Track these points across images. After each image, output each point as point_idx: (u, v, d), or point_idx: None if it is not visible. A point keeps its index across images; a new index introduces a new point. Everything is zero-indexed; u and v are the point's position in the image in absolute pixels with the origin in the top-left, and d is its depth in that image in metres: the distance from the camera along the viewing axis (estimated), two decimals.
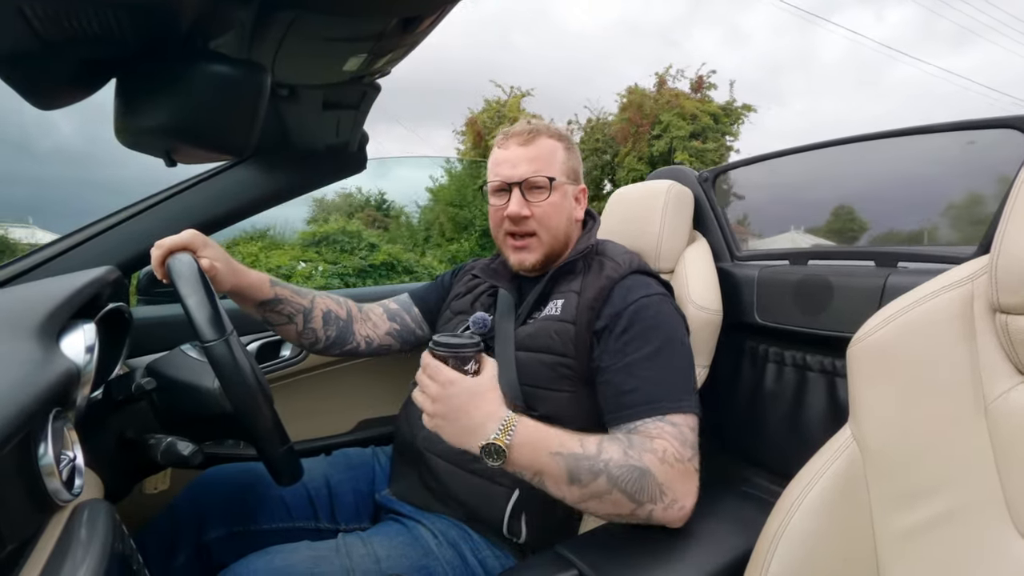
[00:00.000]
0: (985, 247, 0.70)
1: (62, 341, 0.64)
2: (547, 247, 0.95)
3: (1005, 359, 0.53)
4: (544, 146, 0.95)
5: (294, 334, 1.01)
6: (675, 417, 0.78)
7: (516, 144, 0.95)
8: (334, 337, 1.04)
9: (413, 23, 0.69)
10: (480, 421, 0.69)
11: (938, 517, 0.54)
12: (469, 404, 0.69)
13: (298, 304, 0.99)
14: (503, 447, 0.67)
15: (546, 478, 0.70)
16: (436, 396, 0.70)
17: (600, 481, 0.69)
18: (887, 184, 1.84)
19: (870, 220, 5.19)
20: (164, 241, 0.82)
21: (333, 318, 1.04)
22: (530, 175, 0.93)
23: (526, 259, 0.96)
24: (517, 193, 0.93)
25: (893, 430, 0.58)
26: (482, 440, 0.68)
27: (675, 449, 0.74)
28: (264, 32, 0.69)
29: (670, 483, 0.72)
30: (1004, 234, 0.52)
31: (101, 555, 0.46)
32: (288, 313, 0.98)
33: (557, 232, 0.95)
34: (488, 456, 0.68)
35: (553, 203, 0.94)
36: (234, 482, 0.96)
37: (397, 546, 0.82)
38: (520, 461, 0.69)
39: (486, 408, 0.70)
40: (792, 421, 1.12)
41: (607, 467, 0.70)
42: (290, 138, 1.13)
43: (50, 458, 0.48)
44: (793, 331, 1.11)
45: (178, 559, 0.87)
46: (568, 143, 0.99)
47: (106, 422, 0.79)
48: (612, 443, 0.73)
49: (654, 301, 0.87)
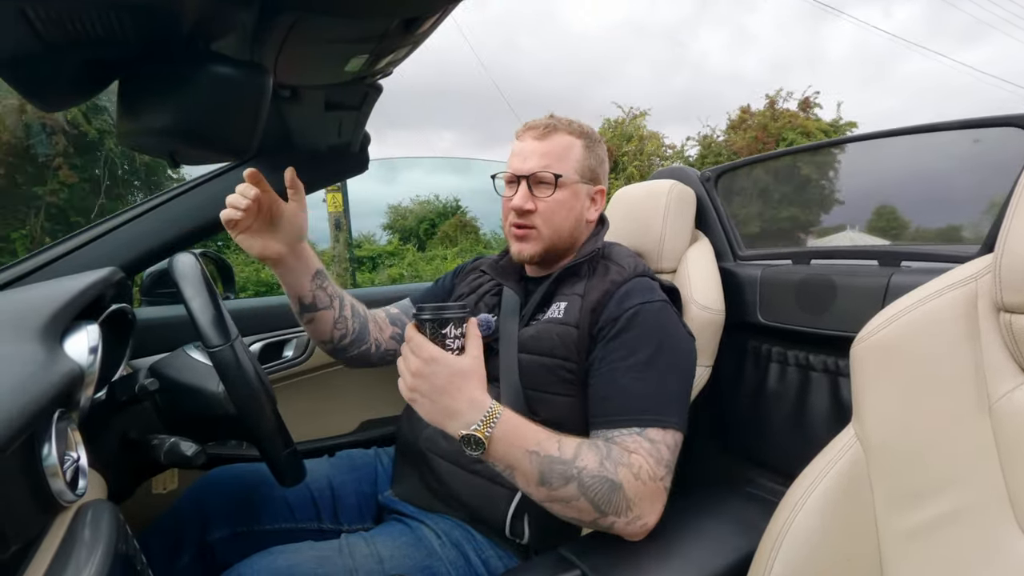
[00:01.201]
0: (989, 246, 0.70)
1: (66, 342, 0.65)
2: (547, 242, 0.94)
3: (1009, 358, 0.53)
4: (559, 142, 0.93)
5: (330, 320, 0.97)
6: (654, 432, 0.75)
7: (532, 137, 0.94)
8: (357, 331, 1.02)
9: (415, 24, 0.69)
10: (461, 407, 0.67)
11: (942, 517, 0.54)
12: (450, 385, 0.67)
13: (334, 291, 0.98)
14: (483, 439, 0.66)
15: (517, 474, 0.69)
16: (416, 371, 0.67)
17: (570, 487, 0.69)
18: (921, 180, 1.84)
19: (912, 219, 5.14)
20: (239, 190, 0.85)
21: (357, 312, 1.03)
22: (538, 170, 0.91)
23: (524, 249, 0.95)
24: (524, 186, 0.92)
25: (897, 429, 0.58)
26: (462, 428, 0.66)
27: (649, 467, 0.73)
28: (266, 33, 0.69)
29: (638, 500, 0.71)
30: (1008, 233, 0.52)
31: (105, 555, 0.46)
32: (331, 293, 0.96)
33: (560, 230, 0.94)
34: (467, 445, 0.66)
35: (559, 200, 0.92)
36: (237, 483, 0.96)
37: (400, 546, 0.82)
38: (496, 453, 0.68)
39: (469, 393, 0.67)
40: (795, 421, 1.11)
41: (580, 475, 0.69)
42: (292, 139, 1.13)
43: (54, 459, 0.48)
44: (796, 331, 1.10)
45: (182, 559, 0.87)
46: (589, 141, 0.96)
47: (110, 423, 0.79)
48: (591, 450, 0.71)
49: (653, 308, 0.85)
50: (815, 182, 5.56)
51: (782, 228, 5.28)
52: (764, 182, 4.08)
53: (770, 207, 4.42)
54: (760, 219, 4.91)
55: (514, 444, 0.68)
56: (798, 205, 5.23)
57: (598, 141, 0.99)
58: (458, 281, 1.13)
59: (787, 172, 4.84)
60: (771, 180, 3.95)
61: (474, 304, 1.03)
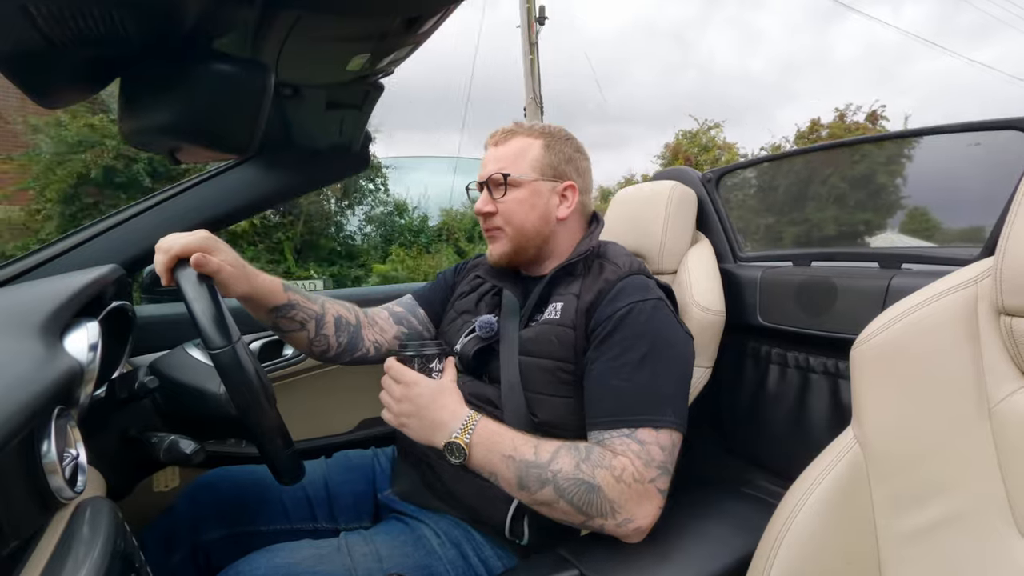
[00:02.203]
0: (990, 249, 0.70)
1: (66, 339, 0.65)
2: (513, 241, 0.95)
3: (1009, 362, 0.53)
4: (514, 145, 0.95)
5: (305, 341, 0.96)
6: (645, 433, 0.75)
7: (492, 144, 0.98)
8: (345, 343, 1.00)
9: (416, 23, 0.69)
10: (444, 418, 0.74)
11: (941, 519, 0.54)
12: (433, 403, 0.75)
13: (310, 310, 0.95)
14: (463, 445, 0.72)
15: (499, 480, 0.74)
16: (401, 396, 0.75)
17: (547, 491, 0.71)
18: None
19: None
20: (172, 245, 0.75)
21: (344, 324, 1.00)
22: (491, 173, 0.94)
23: (494, 250, 0.98)
24: (485, 191, 0.96)
25: (896, 432, 0.58)
26: (445, 438, 0.73)
27: (635, 469, 0.72)
28: (268, 31, 0.69)
29: (623, 502, 0.71)
30: (1009, 236, 0.52)
31: (103, 553, 0.46)
32: (301, 319, 0.93)
33: (523, 228, 0.94)
34: (450, 454, 0.73)
35: (516, 199, 0.94)
36: (233, 484, 0.96)
37: (399, 545, 0.82)
38: (477, 460, 0.73)
39: (450, 406, 0.75)
40: (795, 423, 1.12)
41: (555, 478, 0.71)
42: (293, 137, 1.13)
43: (53, 456, 0.48)
44: (796, 332, 1.10)
45: (173, 558, 0.87)
46: (550, 139, 0.96)
47: (109, 420, 0.79)
48: (568, 454, 0.73)
49: (647, 307, 0.84)
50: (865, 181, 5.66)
51: (822, 227, 5.34)
52: (807, 181, 4.16)
53: (815, 208, 4.51)
54: (802, 221, 4.97)
55: (492, 450, 0.73)
56: (843, 205, 5.30)
57: (563, 139, 0.98)
58: (459, 279, 1.12)
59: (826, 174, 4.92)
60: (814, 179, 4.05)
61: (474, 304, 1.03)
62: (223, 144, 0.73)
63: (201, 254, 0.75)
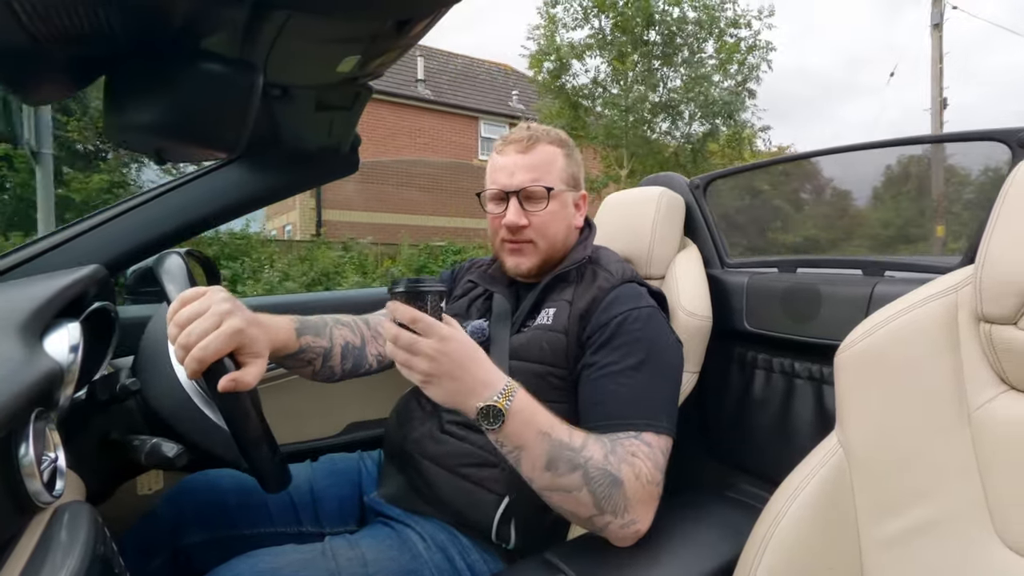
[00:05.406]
0: (970, 257, 0.71)
1: (46, 340, 0.64)
2: (544, 254, 0.94)
3: (988, 368, 0.54)
4: (543, 153, 0.93)
5: (310, 374, 0.91)
6: (649, 436, 0.75)
7: (514, 151, 0.93)
8: (350, 368, 0.97)
9: (407, 26, 0.69)
10: (483, 379, 0.66)
11: (922, 525, 0.54)
12: (470, 360, 0.66)
13: (319, 348, 0.90)
14: (503, 410, 0.65)
15: (524, 455, 0.68)
16: (434, 353, 0.63)
17: (575, 476, 0.68)
18: None
19: None
20: (205, 355, 0.65)
21: (350, 350, 0.96)
22: (528, 184, 0.91)
23: (522, 263, 0.94)
24: (515, 202, 0.92)
25: (878, 437, 0.59)
26: (482, 401, 0.65)
27: (648, 470, 0.73)
28: (257, 32, 0.68)
29: (636, 502, 0.71)
30: (988, 245, 0.53)
31: (82, 558, 0.45)
32: (309, 359, 0.89)
33: (555, 240, 0.94)
34: (485, 419, 0.65)
35: (552, 212, 0.92)
36: (215, 488, 0.95)
37: (385, 549, 0.82)
38: (510, 430, 0.66)
39: (487, 366, 0.67)
40: (780, 427, 1.12)
41: (586, 464, 0.69)
42: (282, 138, 1.12)
43: (31, 459, 0.47)
44: (781, 338, 1.12)
45: (153, 563, 0.86)
46: (568, 149, 0.97)
47: (90, 423, 0.78)
48: (597, 443, 0.72)
49: (643, 314, 0.85)
50: None
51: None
52: None
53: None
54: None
55: (529, 422, 0.68)
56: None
57: (574, 147, 0.99)
58: (455, 284, 1.12)
59: None
60: None
61: (465, 309, 1.02)
62: (210, 144, 0.72)
63: (238, 377, 0.67)
